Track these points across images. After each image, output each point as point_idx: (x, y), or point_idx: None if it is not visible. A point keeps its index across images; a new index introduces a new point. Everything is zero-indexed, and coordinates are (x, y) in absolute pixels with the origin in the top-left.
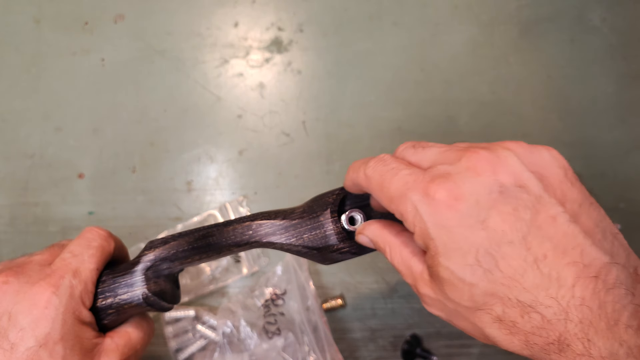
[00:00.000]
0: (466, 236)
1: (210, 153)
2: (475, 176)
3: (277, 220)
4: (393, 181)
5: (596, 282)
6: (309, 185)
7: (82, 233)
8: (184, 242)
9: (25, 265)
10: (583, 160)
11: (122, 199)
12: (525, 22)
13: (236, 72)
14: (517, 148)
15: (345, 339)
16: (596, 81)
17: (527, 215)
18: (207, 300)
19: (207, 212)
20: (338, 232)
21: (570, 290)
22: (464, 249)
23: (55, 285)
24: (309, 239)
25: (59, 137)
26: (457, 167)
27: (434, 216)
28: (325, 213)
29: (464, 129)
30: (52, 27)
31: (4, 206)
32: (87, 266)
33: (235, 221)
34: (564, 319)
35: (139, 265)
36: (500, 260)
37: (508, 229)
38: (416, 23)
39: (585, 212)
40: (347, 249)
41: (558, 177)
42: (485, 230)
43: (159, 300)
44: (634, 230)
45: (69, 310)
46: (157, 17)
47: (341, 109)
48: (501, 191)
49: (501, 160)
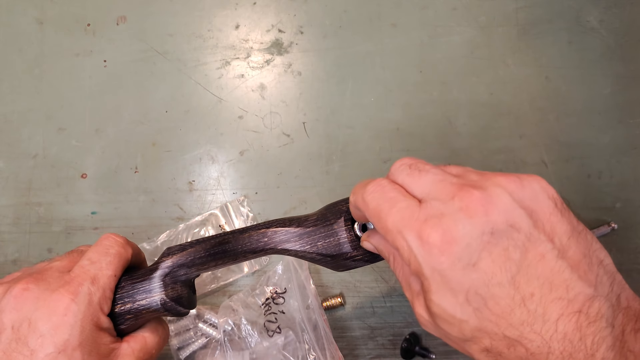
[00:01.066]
0: (457, 278)
1: (212, 153)
2: (467, 218)
3: (292, 228)
4: (390, 214)
5: (579, 317)
6: (309, 186)
7: (99, 240)
8: (201, 249)
9: (44, 272)
10: (580, 161)
11: (124, 199)
12: (523, 24)
13: (237, 73)
14: (508, 185)
15: (345, 337)
16: (594, 82)
17: (517, 254)
18: (208, 298)
19: (209, 212)
20: (351, 239)
21: (553, 325)
22: (456, 289)
23: (74, 292)
24: (323, 247)
25: (61, 137)
26: (450, 206)
27: (427, 258)
28: (339, 221)
29: (462, 129)
30: (55, 28)
31: (8, 206)
32: (105, 273)
33: (250, 228)
34: (547, 352)
35: (157, 272)
36: (489, 300)
37: (498, 270)
38: (415, 25)
39: (574, 243)
40: (360, 256)
41: (548, 209)
42: (476, 273)
43: (176, 305)
44: (630, 229)
45: (87, 317)
46: (158, 19)
47: (341, 110)
48: (492, 232)
49: (493, 200)
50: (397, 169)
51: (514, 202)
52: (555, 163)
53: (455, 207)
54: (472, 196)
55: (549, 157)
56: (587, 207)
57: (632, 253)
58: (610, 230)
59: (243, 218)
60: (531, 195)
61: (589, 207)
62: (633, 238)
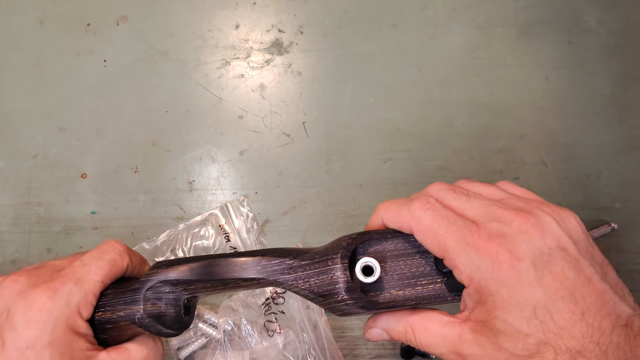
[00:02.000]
0: (525, 293)
1: (212, 153)
2: (528, 240)
3: (287, 259)
4: (450, 231)
5: (627, 330)
6: (309, 185)
7: (100, 244)
8: (187, 269)
9: (40, 268)
10: (580, 161)
11: (124, 198)
12: (522, 24)
13: (237, 73)
14: (554, 214)
15: (345, 337)
16: (593, 82)
17: (572, 274)
18: (208, 298)
19: (209, 212)
20: (346, 280)
21: (609, 337)
22: (523, 303)
23: (54, 290)
24: (315, 284)
25: (62, 137)
26: (511, 228)
27: (496, 274)
28: (335, 258)
29: (462, 129)
30: (56, 28)
31: (8, 206)
32: (92, 277)
33: (245, 253)
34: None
35: (139, 284)
36: (554, 313)
37: (559, 286)
38: (415, 25)
39: (607, 271)
40: (352, 301)
41: (584, 242)
42: (542, 288)
43: (154, 322)
44: (630, 229)
45: (62, 317)
46: (159, 18)
47: (341, 110)
48: (549, 254)
49: (546, 226)
50: (438, 191)
51: (561, 230)
52: (555, 163)
53: (515, 229)
54: (529, 221)
55: (549, 157)
56: (587, 207)
57: (632, 253)
58: (610, 230)
59: (243, 218)
60: (571, 228)
61: (589, 207)
62: (633, 238)
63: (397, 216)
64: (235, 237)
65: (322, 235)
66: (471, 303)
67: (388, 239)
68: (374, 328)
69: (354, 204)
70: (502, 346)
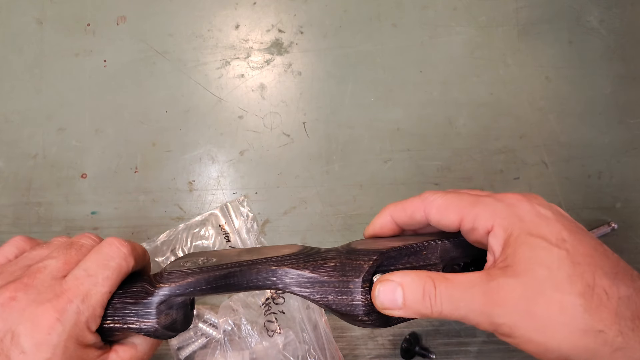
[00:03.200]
0: (547, 229)
1: (212, 153)
2: (537, 203)
3: (305, 272)
4: (462, 199)
5: None
6: (309, 185)
7: (102, 245)
8: (203, 281)
9: (36, 275)
10: (580, 161)
11: (124, 198)
12: (523, 24)
13: (237, 73)
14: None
15: (345, 337)
16: (594, 82)
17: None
18: (208, 298)
19: (209, 212)
20: (366, 303)
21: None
22: (548, 235)
23: (61, 310)
24: (334, 302)
25: (61, 137)
26: (506, 196)
27: (514, 211)
28: (357, 281)
29: (462, 130)
30: (55, 28)
31: (7, 206)
32: (99, 289)
33: (260, 262)
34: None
35: (152, 297)
36: (577, 244)
37: (578, 228)
38: (415, 25)
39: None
40: (371, 322)
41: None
42: (561, 224)
43: (167, 331)
44: (630, 229)
45: (72, 337)
46: (158, 18)
47: (341, 110)
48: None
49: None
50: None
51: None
52: (555, 163)
53: (513, 198)
54: (520, 194)
55: (549, 158)
56: (587, 207)
57: (632, 253)
58: (610, 230)
59: (243, 218)
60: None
61: (589, 207)
62: (633, 238)
63: (408, 205)
64: (235, 237)
65: (322, 235)
66: (497, 246)
67: (403, 256)
68: (387, 282)
69: (354, 204)
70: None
